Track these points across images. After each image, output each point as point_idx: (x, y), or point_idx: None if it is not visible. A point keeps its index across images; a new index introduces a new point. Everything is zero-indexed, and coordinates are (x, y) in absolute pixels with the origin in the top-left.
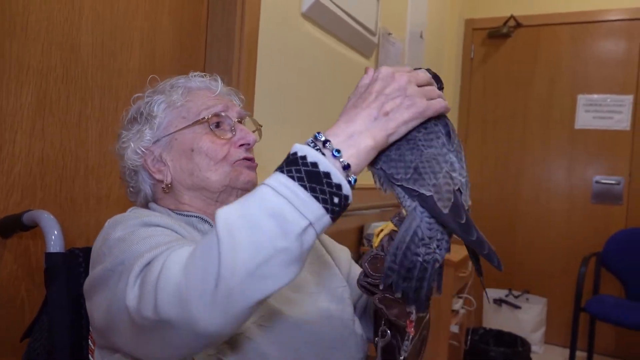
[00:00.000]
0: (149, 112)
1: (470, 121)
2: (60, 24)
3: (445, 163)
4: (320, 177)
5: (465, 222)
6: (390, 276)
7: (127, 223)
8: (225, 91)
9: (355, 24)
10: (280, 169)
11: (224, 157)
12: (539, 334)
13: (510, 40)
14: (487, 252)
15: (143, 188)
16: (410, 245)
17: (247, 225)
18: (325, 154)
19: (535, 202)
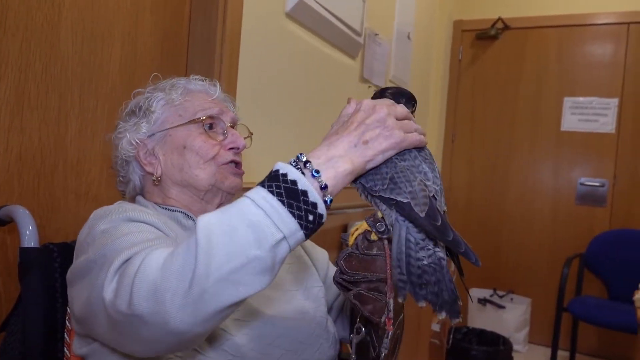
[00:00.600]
0: (147, 107)
1: (457, 123)
2: (39, 21)
3: (419, 173)
4: (298, 194)
5: (441, 223)
6: (403, 288)
7: (112, 217)
8: (222, 97)
9: (340, 24)
10: (262, 184)
11: (213, 157)
12: (523, 333)
13: (498, 42)
14: (464, 250)
15: (132, 179)
16: (410, 252)
17: (225, 232)
18: (305, 173)
19: (521, 203)
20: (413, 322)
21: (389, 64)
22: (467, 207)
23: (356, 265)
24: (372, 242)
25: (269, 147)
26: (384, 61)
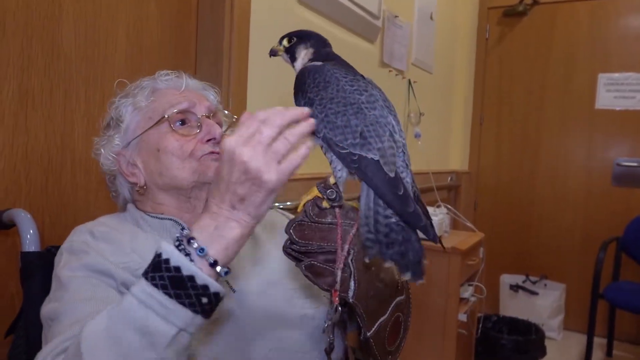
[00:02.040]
0: (117, 117)
1: (485, 104)
2: (39, 18)
3: (387, 125)
4: (184, 281)
5: (403, 193)
6: (372, 247)
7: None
8: (198, 86)
9: (356, 7)
10: (145, 275)
11: (190, 153)
12: (557, 320)
13: (526, 18)
14: (423, 225)
15: (122, 192)
16: (378, 209)
17: (111, 341)
18: (190, 252)
19: (552, 185)
20: (439, 313)
21: (410, 46)
22: (495, 190)
23: (309, 234)
24: (323, 210)
25: None
26: (405, 44)
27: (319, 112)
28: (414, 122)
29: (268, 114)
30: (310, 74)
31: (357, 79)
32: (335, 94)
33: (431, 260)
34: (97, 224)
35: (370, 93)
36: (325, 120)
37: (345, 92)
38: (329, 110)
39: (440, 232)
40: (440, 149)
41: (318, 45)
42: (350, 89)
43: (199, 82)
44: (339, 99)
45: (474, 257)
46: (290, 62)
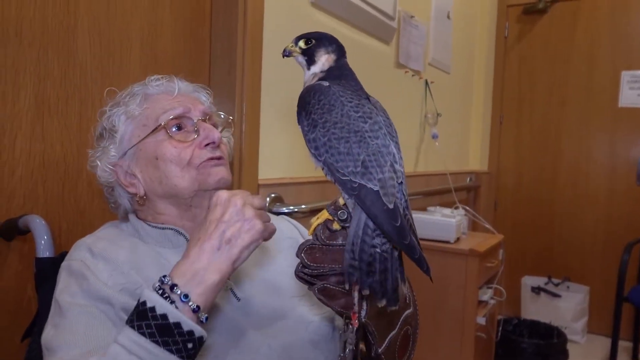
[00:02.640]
0: (110, 127)
1: (504, 102)
2: (55, 28)
3: (388, 155)
4: (171, 328)
5: (400, 225)
6: (352, 274)
7: (77, 282)
8: (190, 89)
9: (370, 8)
10: (130, 323)
11: (188, 161)
12: (581, 323)
13: (547, 16)
14: (417, 257)
15: (122, 203)
16: (365, 238)
17: None
18: (173, 299)
19: (574, 185)
20: (457, 316)
21: (427, 46)
22: (516, 190)
23: (320, 257)
24: (334, 232)
25: (297, 144)
26: (421, 44)
27: (321, 135)
28: (431, 122)
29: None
30: (316, 94)
31: (362, 104)
32: (339, 119)
33: (449, 262)
34: (96, 238)
35: (375, 120)
36: (328, 144)
37: (349, 118)
38: (332, 134)
39: (458, 234)
40: (458, 150)
41: (339, 53)
42: (355, 115)
43: (190, 85)
44: (343, 124)
45: (493, 259)
46: (306, 65)
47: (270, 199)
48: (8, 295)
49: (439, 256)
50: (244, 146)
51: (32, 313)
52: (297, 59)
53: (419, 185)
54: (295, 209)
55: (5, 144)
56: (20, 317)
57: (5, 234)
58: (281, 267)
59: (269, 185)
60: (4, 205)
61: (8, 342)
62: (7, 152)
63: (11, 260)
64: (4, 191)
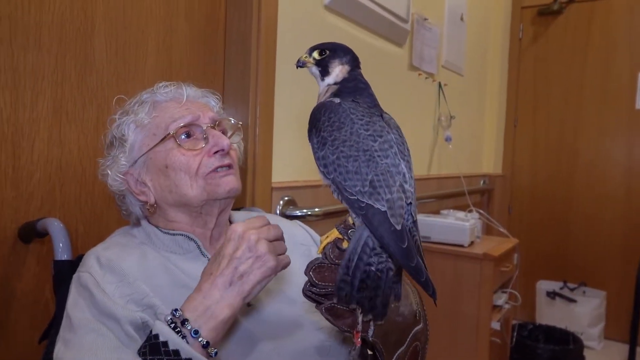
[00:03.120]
0: (120, 136)
1: (519, 105)
2: (73, 35)
3: (398, 175)
4: None
5: (407, 246)
6: (343, 289)
7: (88, 299)
8: (198, 95)
9: (383, 11)
10: (143, 356)
11: (196, 169)
12: (598, 329)
13: (562, 17)
14: (424, 280)
15: (134, 210)
16: (362, 256)
17: None
18: (184, 334)
19: (591, 189)
20: (471, 321)
21: (440, 48)
22: (531, 193)
23: (328, 276)
24: (343, 251)
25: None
26: (434, 46)
27: (330, 152)
28: (444, 125)
29: (276, 221)
30: (326, 112)
31: (374, 122)
32: (348, 137)
33: (463, 266)
34: (106, 247)
35: (385, 139)
36: (337, 162)
37: (359, 137)
38: (340, 153)
39: (472, 237)
40: (472, 152)
41: (353, 64)
42: (365, 133)
43: (199, 90)
44: (352, 142)
45: (508, 263)
46: (320, 76)
47: (283, 202)
48: (26, 297)
49: (452, 260)
50: (258, 149)
51: (50, 315)
52: (310, 70)
53: (432, 188)
54: (309, 212)
55: (24, 148)
56: (38, 318)
57: (24, 237)
58: (293, 274)
59: (282, 189)
60: (22, 208)
61: (27, 343)
62: (26, 156)
63: (29, 262)
64: (23, 194)
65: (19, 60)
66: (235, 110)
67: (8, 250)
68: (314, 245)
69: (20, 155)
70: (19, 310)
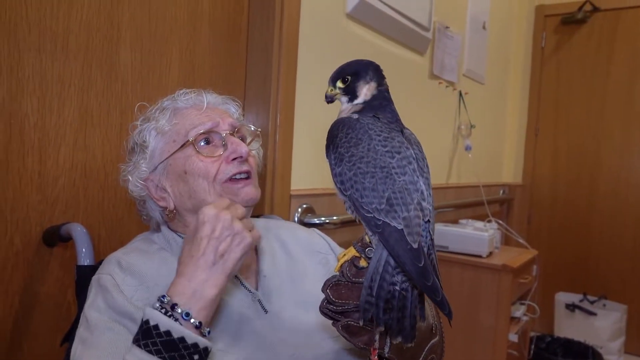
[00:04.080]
0: (141, 142)
1: (541, 115)
2: (99, 42)
3: (416, 192)
4: (175, 343)
5: (423, 265)
6: (368, 310)
7: (105, 299)
8: (219, 101)
9: (405, 20)
10: (137, 342)
11: (214, 176)
12: (618, 343)
13: (585, 26)
14: (440, 299)
15: (154, 216)
16: (385, 275)
17: None
18: (176, 317)
19: (613, 198)
20: (489, 332)
21: (461, 57)
22: (552, 204)
23: (345, 293)
24: (360, 269)
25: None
26: (455, 55)
27: (347, 169)
28: (464, 134)
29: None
30: (344, 127)
31: (392, 138)
32: (365, 153)
33: (481, 277)
34: (127, 251)
35: (403, 155)
36: (354, 179)
37: (376, 153)
38: (357, 169)
39: (491, 248)
40: (492, 161)
41: (378, 78)
42: (382, 150)
43: (219, 97)
44: (369, 159)
45: (527, 274)
46: (349, 102)
47: (301, 210)
48: (49, 300)
49: (471, 271)
50: (277, 156)
51: (71, 318)
52: (340, 101)
53: (451, 197)
54: (327, 220)
55: (50, 154)
56: (60, 321)
57: (48, 241)
58: (311, 280)
59: (300, 196)
60: (47, 212)
61: (49, 345)
62: (52, 161)
63: (52, 266)
64: (48, 199)
65: (47, 67)
66: (255, 117)
67: (33, 253)
68: (332, 253)
69: (46, 161)
70: (41, 313)
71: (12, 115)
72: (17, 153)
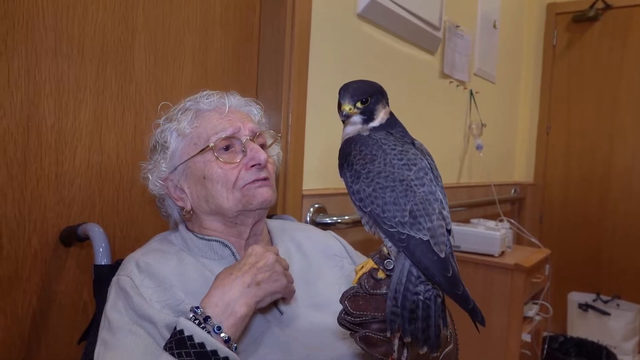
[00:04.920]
0: (163, 142)
1: (552, 113)
2: (114, 45)
3: (436, 202)
4: (208, 355)
5: (452, 274)
6: (394, 321)
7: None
8: (241, 103)
9: (416, 19)
10: (170, 351)
11: (234, 182)
12: (632, 343)
13: (598, 24)
14: (471, 307)
15: (172, 213)
16: (409, 286)
17: None
18: (208, 330)
19: (626, 198)
20: (501, 332)
21: (472, 56)
22: (563, 203)
23: (363, 305)
24: (378, 281)
25: None
26: (466, 54)
27: (366, 185)
28: (475, 133)
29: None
30: (357, 145)
31: (406, 151)
32: (383, 168)
33: (494, 276)
34: (145, 252)
35: (420, 167)
36: (373, 195)
37: (393, 167)
38: (376, 184)
39: (503, 247)
40: (503, 160)
41: (387, 101)
42: (399, 163)
43: (242, 99)
44: (387, 173)
45: (539, 274)
46: (365, 123)
47: (313, 210)
48: (66, 299)
49: (483, 270)
50: (289, 157)
51: (88, 316)
52: (352, 119)
53: (462, 197)
54: (339, 220)
55: (67, 155)
56: (77, 319)
57: (65, 240)
58: (326, 283)
59: (312, 196)
60: (64, 213)
61: (66, 343)
62: (68, 163)
63: (69, 265)
64: (65, 199)
65: (63, 70)
66: (267, 118)
67: (50, 253)
68: (347, 257)
69: (62, 162)
70: (58, 311)
71: (30, 117)
72: (34, 155)
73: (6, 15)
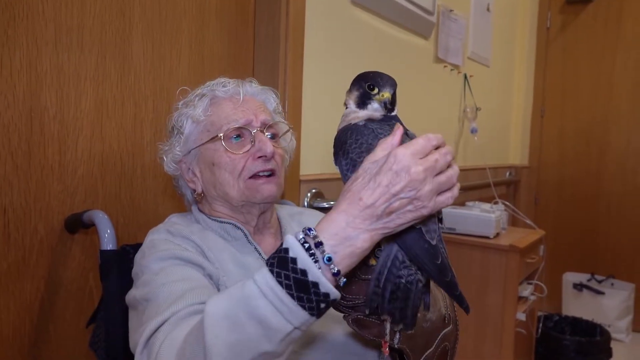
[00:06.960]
0: (179, 126)
1: (546, 96)
2: (112, 35)
3: None
4: (308, 286)
5: (441, 262)
6: (374, 300)
7: (160, 251)
8: (257, 91)
9: (409, 4)
10: (270, 267)
11: (240, 172)
12: (625, 321)
13: (592, 5)
14: (458, 294)
15: (185, 193)
16: (392, 269)
17: (232, 327)
18: (317, 257)
19: (620, 179)
20: (497, 311)
21: (466, 40)
22: (558, 185)
23: (355, 289)
24: (370, 267)
25: None
26: (460, 38)
27: None
28: (470, 117)
29: (440, 141)
30: (352, 134)
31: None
32: None
33: (489, 257)
34: (170, 223)
35: None
36: None
37: None
38: None
39: (498, 229)
40: (498, 144)
41: None
42: None
43: (258, 87)
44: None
45: (534, 254)
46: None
47: (310, 195)
48: (72, 284)
49: (478, 251)
50: None
51: (94, 301)
52: (380, 104)
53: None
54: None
55: (69, 145)
56: (83, 304)
57: (70, 227)
58: None
59: (309, 181)
60: (68, 201)
61: (73, 326)
62: (71, 152)
63: (75, 251)
64: (68, 188)
65: (63, 61)
66: None
67: (56, 240)
68: None
69: (65, 152)
70: (65, 296)
71: (33, 108)
72: (38, 145)
73: (7, 7)
